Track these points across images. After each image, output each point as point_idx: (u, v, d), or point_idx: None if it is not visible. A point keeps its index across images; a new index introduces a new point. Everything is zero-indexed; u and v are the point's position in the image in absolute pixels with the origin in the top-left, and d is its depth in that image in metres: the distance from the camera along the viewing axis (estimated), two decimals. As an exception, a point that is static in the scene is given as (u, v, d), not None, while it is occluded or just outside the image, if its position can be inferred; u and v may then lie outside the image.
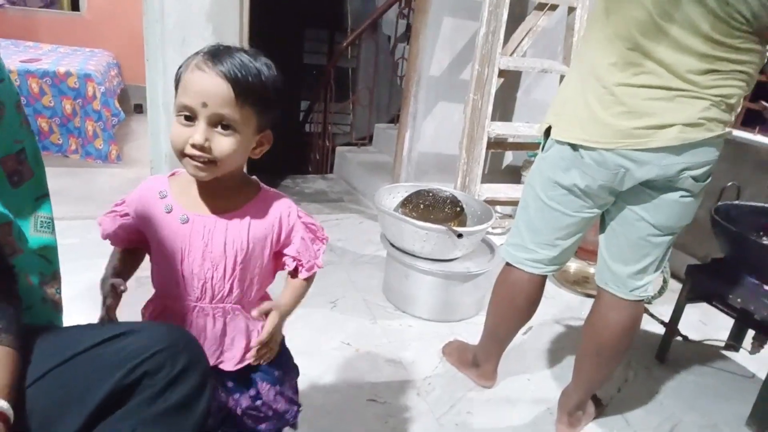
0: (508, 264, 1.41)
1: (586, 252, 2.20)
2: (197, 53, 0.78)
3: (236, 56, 0.77)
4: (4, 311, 0.64)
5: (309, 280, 0.94)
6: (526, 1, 2.73)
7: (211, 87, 0.74)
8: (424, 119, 2.79)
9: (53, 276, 0.91)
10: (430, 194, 1.98)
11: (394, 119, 4.04)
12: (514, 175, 3.13)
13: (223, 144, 0.77)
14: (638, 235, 1.20)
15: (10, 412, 0.58)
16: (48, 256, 0.91)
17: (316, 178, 3.64)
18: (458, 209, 1.95)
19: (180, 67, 0.80)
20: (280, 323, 0.89)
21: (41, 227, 0.91)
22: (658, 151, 1.07)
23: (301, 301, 0.94)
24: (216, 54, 0.76)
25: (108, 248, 0.93)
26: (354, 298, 1.99)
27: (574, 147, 1.16)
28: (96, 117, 3.27)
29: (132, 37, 4.26)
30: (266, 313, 0.87)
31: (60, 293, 0.89)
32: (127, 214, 0.89)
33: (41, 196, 0.93)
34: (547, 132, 1.24)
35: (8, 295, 0.68)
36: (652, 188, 1.15)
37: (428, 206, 1.93)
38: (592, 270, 2.23)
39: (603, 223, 1.28)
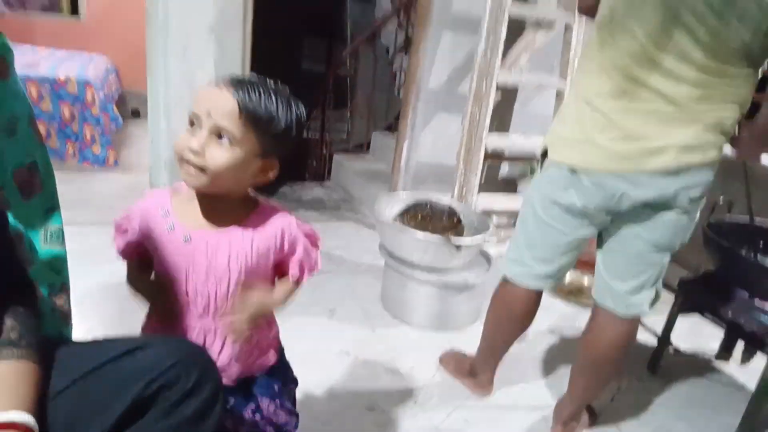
0: (505, 277, 1.43)
1: (581, 263, 2.22)
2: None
3: (256, 83, 0.79)
4: (27, 324, 0.65)
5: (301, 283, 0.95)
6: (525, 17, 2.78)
7: (218, 99, 0.77)
8: (422, 130, 2.82)
9: (62, 287, 0.93)
10: (428, 205, 2.01)
11: (391, 126, 4.07)
12: (510, 185, 3.16)
13: (218, 154, 0.78)
14: (635, 251, 1.23)
15: (36, 428, 0.59)
16: (57, 268, 0.93)
17: (313, 185, 3.65)
18: (456, 220, 1.98)
19: None
20: (257, 306, 0.88)
21: (51, 239, 0.93)
22: (654, 173, 1.10)
23: (300, 310, 0.95)
24: (238, 80, 0.79)
25: (105, 255, 0.92)
26: (352, 307, 2.01)
27: (572, 169, 1.19)
28: (94, 122, 3.28)
29: (130, 42, 4.25)
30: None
31: (69, 305, 0.91)
32: (133, 229, 0.89)
33: (51, 209, 0.95)
34: (545, 152, 1.26)
35: (30, 308, 0.70)
36: (649, 207, 1.17)
37: (426, 217, 1.96)
38: (586, 280, 2.27)
39: (601, 240, 1.31)
